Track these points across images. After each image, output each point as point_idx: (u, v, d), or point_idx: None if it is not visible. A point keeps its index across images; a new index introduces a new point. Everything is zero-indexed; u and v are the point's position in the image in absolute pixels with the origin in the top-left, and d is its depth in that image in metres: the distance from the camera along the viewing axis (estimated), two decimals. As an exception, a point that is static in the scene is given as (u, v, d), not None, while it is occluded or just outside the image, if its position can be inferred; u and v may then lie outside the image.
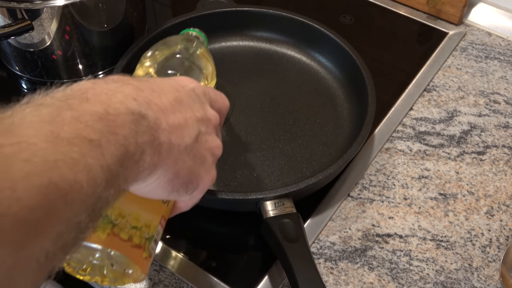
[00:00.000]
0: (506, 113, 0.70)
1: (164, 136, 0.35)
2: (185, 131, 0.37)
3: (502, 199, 0.61)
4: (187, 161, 0.38)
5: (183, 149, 0.37)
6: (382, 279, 0.54)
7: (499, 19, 0.83)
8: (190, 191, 0.40)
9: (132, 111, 0.32)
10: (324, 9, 0.85)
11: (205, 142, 0.40)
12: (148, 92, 0.35)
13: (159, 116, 0.35)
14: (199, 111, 0.40)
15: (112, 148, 0.29)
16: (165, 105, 0.36)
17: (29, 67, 0.71)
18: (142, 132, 0.32)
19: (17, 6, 0.62)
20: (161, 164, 0.35)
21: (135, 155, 0.31)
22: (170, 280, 0.53)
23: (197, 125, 0.39)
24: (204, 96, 0.42)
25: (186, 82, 0.41)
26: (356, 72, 0.66)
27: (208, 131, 0.41)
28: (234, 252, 0.57)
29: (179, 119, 0.37)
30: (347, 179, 0.62)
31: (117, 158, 0.30)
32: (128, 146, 0.31)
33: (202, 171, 0.40)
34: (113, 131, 0.30)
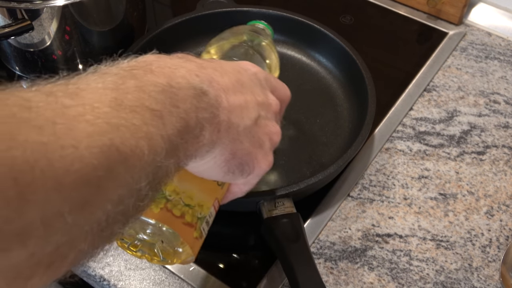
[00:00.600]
0: (506, 113, 0.70)
1: (224, 114, 0.35)
2: (244, 112, 0.37)
3: (502, 199, 0.61)
4: (245, 142, 0.37)
5: (242, 130, 0.37)
6: (382, 279, 0.54)
7: (499, 19, 0.83)
8: (246, 174, 0.39)
9: (194, 86, 0.32)
10: (324, 9, 0.85)
11: (265, 127, 0.40)
12: (211, 70, 0.35)
13: (220, 94, 0.35)
14: (260, 95, 0.39)
15: (173, 119, 0.30)
16: (227, 84, 0.36)
17: (29, 67, 0.71)
18: (203, 108, 0.32)
19: (17, 6, 0.62)
20: (220, 142, 0.35)
21: (195, 130, 0.32)
22: (170, 280, 0.53)
23: (257, 108, 0.38)
24: (266, 82, 0.42)
25: (249, 66, 0.41)
26: (356, 72, 0.66)
27: (268, 116, 0.40)
28: (234, 252, 0.57)
29: (239, 99, 0.36)
30: (347, 179, 0.62)
31: (177, 130, 0.30)
32: (188, 120, 0.31)
33: (260, 154, 0.39)
34: (175, 103, 0.30)
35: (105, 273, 0.54)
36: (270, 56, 0.57)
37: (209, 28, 0.74)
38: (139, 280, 0.53)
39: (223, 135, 0.35)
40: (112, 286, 0.53)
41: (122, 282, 0.53)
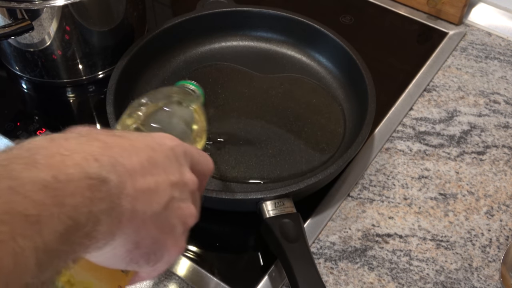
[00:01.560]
0: (506, 113, 0.70)
1: (127, 202, 0.31)
2: (154, 197, 0.33)
3: (502, 199, 0.61)
4: (152, 230, 0.33)
5: (149, 217, 0.33)
6: (382, 279, 0.54)
7: (499, 19, 0.83)
8: (152, 263, 0.35)
9: (89, 175, 0.28)
10: (324, 9, 0.85)
11: (177, 209, 0.36)
12: (117, 150, 0.32)
13: (125, 180, 0.31)
14: (174, 174, 0.35)
15: (55, 222, 0.26)
16: (135, 166, 0.32)
17: (29, 67, 0.71)
18: (99, 199, 0.28)
19: (17, 6, 0.62)
20: (121, 233, 0.31)
21: (85, 227, 0.28)
22: (170, 280, 0.53)
23: (169, 190, 0.35)
24: (184, 157, 0.38)
25: (165, 140, 0.37)
26: (356, 72, 0.66)
27: (183, 197, 0.36)
28: (234, 252, 0.57)
29: (149, 182, 0.33)
30: (347, 179, 0.62)
31: (59, 234, 0.26)
32: (77, 218, 0.27)
33: (169, 241, 0.36)
34: (60, 201, 0.26)
35: (105, 273, 0.54)
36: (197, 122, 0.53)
37: (209, 28, 0.74)
38: (139, 280, 0.53)
39: (125, 225, 0.31)
40: None
41: (122, 282, 0.53)
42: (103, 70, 0.73)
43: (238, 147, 0.63)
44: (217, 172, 0.61)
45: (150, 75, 0.70)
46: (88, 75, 0.72)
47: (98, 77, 0.73)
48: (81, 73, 0.72)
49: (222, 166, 0.61)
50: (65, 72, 0.71)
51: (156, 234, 0.34)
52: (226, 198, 0.54)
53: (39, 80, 0.72)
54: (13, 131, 0.66)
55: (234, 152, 0.63)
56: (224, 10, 0.74)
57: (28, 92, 0.74)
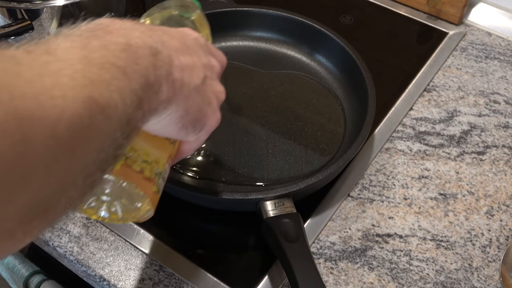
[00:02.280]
0: (506, 113, 0.70)
1: (177, 72, 0.37)
2: (194, 72, 0.39)
3: (502, 199, 0.61)
4: (196, 100, 0.40)
5: (193, 88, 0.39)
6: (382, 279, 0.54)
7: (499, 19, 0.83)
8: (198, 130, 0.42)
9: (149, 45, 0.34)
10: (324, 9, 0.85)
11: (211, 86, 0.42)
12: (160, 33, 0.37)
13: (172, 54, 0.37)
14: (203, 57, 0.42)
15: (136, 76, 0.31)
16: (176, 45, 0.38)
17: (29, 67, 0.71)
18: (159, 66, 0.34)
19: (17, 6, 0.62)
20: (175, 99, 0.37)
21: (154, 86, 0.34)
22: (170, 280, 0.53)
23: (203, 69, 0.41)
24: (206, 46, 0.44)
25: (190, 32, 0.43)
26: (356, 72, 0.66)
27: (213, 76, 0.43)
28: (234, 252, 0.57)
29: (188, 60, 0.39)
30: (347, 179, 0.62)
31: (140, 85, 0.32)
32: (148, 77, 0.33)
33: (209, 111, 0.42)
34: (136, 61, 0.32)
35: (105, 273, 0.54)
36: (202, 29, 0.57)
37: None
38: (139, 280, 0.53)
39: (178, 92, 0.37)
40: (112, 286, 0.53)
41: (122, 282, 0.53)
42: (103, 70, 0.73)
43: (238, 147, 0.63)
44: (217, 172, 0.61)
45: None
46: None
47: None
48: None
49: (222, 166, 0.61)
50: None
51: (199, 103, 0.40)
52: (226, 198, 0.54)
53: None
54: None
55: (234, 153, 0.63)
56: (224, 10, 0.74)
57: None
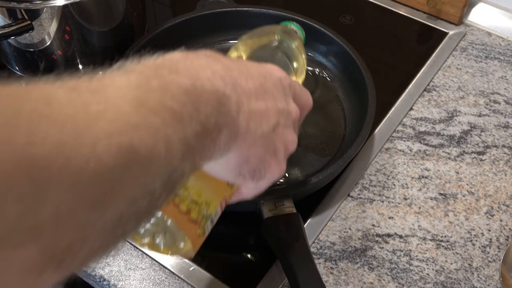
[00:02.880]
0: (506, 113, 0.70)
1: (243, 119, 0.35)
2: (264, 119, 0.37)
3: (502, 199, 0.61)
4: (260, 149, 0.37)
5: (259, 136, 0.37)
6: (382, 279, 0.54)
7: (499, 19, 0.83)
8: (256, 179, 0.39)
9: (217, 89, 0.32)
10: (324, 9, 0.85)
11: (282, 134, 0.39)
12: (236, 73, 0.36)
13: (242, 99, 0.35)
14: (281, 102, 0.39)
15: (193, 122, 0.29)
16: (250, 89, 0.36)
17: (29, 67, 0.71)
18: (223, 113, 0.33)
19: (17, 6, 0.62)
20: (235, 146, 0.35)
21: (212, 133, 0.32)
22: (170, 280, 0.53)
23: (277, 115, 0.38)
24: (289, 88, 0.41)
25: (274, 71, 0.41)
26: (356, 72, 0.66)
27: (287, 123, 0.40)
28: (234, 252, 0.57)
29: (260, 105, 0.37)
30: (347, 179, 0.62)
31: (195, 133, 0.30)
32: (207, 124, 0.31)
33: (273, 162, 0.39)
34: (196, 106, 0.30)
35: (105, 273, 0.54)
36: (298, 59, 0.57)
37: (209, 28, 0.74)
38: (139, 280, 0.53)
39: (240, 140, 0.35)
40: (112, 286, 0.53)
41: (122, 282, 0.53)
42: (103, 70, 0.73)
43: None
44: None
45: (150, 75, 0.70)
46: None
47: None
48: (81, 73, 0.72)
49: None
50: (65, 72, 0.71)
51: (263, 152, 0.38)
52: (226, 198, 0.54)
53: (39, 80, 0.72)
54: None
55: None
56: (224, 10, 0.74)
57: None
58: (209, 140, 0.31)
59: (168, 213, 0.39)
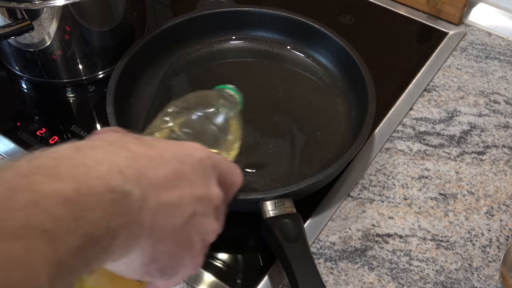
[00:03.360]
0: (506, 113, 0.70)
1: (148, 216, 0.30)
2: (176, 211, 0.32)
3: (502, 199, 0.61)
4: (170, 245, 0.33)
5: (169, 231, 0.32)
6: (382, 279, 0.54)
7: (499, 19, 0.83)
8: (167, 277, 0.35)
9: (112, 188, 0.28)
10: (324, 9, 0.85)
11: (198, 225, 0.34)
12: (144, 161, 0.31)
13: (148, 193, 0.30)
14: (199, 188, 0.34)
15: (71, 238, 0.25)
16: (160, 179, 0.31)
17: (29, 67, 0.71)
18: (120, 214, 0.28)
19: (17, 6, 0.62)
20: (138, 247, 0.31)
21: (102, 241, 0.27)
22: (170, 280, 0.53)
23: (193, 205, 0.34)
24: (212, 170, 0.36)
25: (194, 151, 0.36)
26: (356, 72, 0.66)
27: (206, 212, 0.35)
28: (234, 252, 0.57)
29: (172, 196, 0.32)
30: (347, 179, 0.62)
31: (75, 249, 0.26)
32: (94, 233, 0.26)
33: (187, 257, 0.35)
34: (79, 216, 0.26)
35: (105, 273, 0.54)
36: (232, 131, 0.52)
37: (209, 28, 0.74)
38: (139, 280, 0.53)
39: (144, 239, 0.30)
40: (112, 286, 0.53)
41: None
42: (103, 70, 0.73)
43: (238, 147, 0.63)
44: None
45: (150, 75, 0.70)
46: (88, 75, 0.72)
47: (98, 77, 0.73)
48: (81, 73, 0.72)
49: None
50: (65, 72, 0.71)
51: (173, 249, 0.33)
52: (226, 198, 0.54)
53: (39, 80, 0.72)
54: (13, 131, 0.66)
55: (234, 152, 0.63)
56: (224, 10, 0.74)
57: (28, 92, 0.74)
58: (96, 249, 0.27)
59: None
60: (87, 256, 0.27)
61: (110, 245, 0.28)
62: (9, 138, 0.65)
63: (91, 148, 0.30)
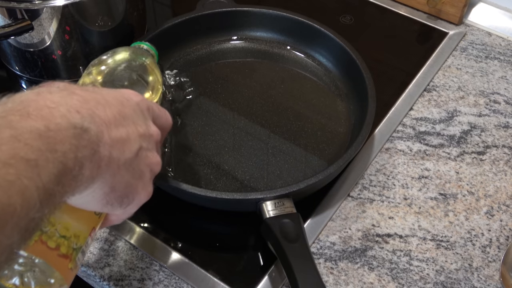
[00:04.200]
0: (506, 113, 0.70)
1: (105, 149, 0.34)
2: (126, 146, 0.37)
3: (502, 199, 0.61)
4: (125, 176, 0.37)
5: (123, 164, 0.37)
6: (382, 279, 0.54)
7: (499, 19, 0.83)
8: (125, 205, 0.39)
9: (74, 125, 0.32)
10: (324, 9, 0.85)
11: (145, 158, 0.40)
12: (93, 103, 0.35)
13: (102, 129, 0.34)
14: (141, 126, 0.39)
15: (50, 166, 0.29)
16: (109, 118, 0.36)
17: (29, 67, 0.71)
18: (83, 146, 0.32)
19: (17, 6, 0.62)
20: (99, 177, 0.35)
21: (73, 170, 0.31)
22: (170, 280, 0.53)
23: (138, 140, 0.38)
24: (147, 111, 0.42)
25: (131, 96, 0.41)
26: (356, 72, 0.66)
27: (149, 147, 0.40)
28: (234, 252, 0.57)
29: (121, 133, 0.36)
30: (347, 179, 0.62)
31: (54, 176, 0.29)
32: (66, 162, 0.30)
33: (139, 186, 0.40)
34: (53, 147, 0.30)
35: (105, 273, 0.54)
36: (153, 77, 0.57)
37: (209, 28, 0.74)
38: (139, 280, 0.53)
39: (103, 170, 0.35)
40: (112, 286, 0.53)
41: (122, 282, 0.53)
42: (103, 70, 0.73)
43: (237, 147, 0.63)
44: (217, 171, 0.61)
45: (150, 75, 0.70)
46: (88, 75, 0.72)
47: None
48: (81, 73, 0.71)
49: (222, 165, 0.61)
50: (65, 72, 0.71)
51: (128, 178, 0.38)
52: (226, 198, 0.54)
53: (39, 80, 0.72)
54: (13, 131, 0.66)
55: (233, 152, 0.63)
56: (224, 10, 0.74)
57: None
58: (69, 178, 0.31)
59: (35, 252, 0.37)
60: (63, 183, 0.31)
61: (79, 174, 0.32)
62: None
63: (49, 93, 0.34)
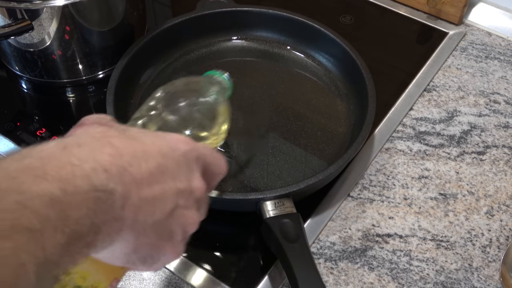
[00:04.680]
0: (506, 113, 0.70)
1: (130, 212, 0.31)
2: (158, 205, 0.33)
3: (502, 199, 0.61)
4: (151, 237, 0.34)
5: (151, 225, 0.33)
6: (382, 279, 0.54)
7: (499, 19, 0.83)
8: (148, 265, 0.36)
9: (96, 187, 0.29)
10: (324, 9, 0.85)
11: (180, 217, 0.35)
12: (128, 158, 0.32)
13: (131, 189, 0.31)
14: (182, 182, 0.35)
15: (58, 236, 0.26)
16: (143, 174, 0.32)
17: (29, 67, 0.71)
18: (103, 211, 0.29)
19: (17, 6, 0.62)
20: (120, 239, 0.32)
21: (87, 237, 0.28)
22: (170, 280, 0.53)
23: (175, 198, 0.35)
24: (195, 162, 0.37)
25: (179, 145, 0.36)
26: (356, 72, 0.66)
27: (187, 204, 0.36)
28: (234, 252, 0.57)
29: (154, 191, 0.33)
30: (347, 179, 0.62)
31: (61, 246, 0.27)
32: (79, 229, 0.28)
33: (168, 247, 0.36)
34: (65, 215, 0.27)
35: (105, 273, 0.54)
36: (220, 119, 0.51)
37: (209, 28, 0.74)
38: (139, 280, 0.53)
39: (126, 233, 0.32)
40: (112, 286, 0.53)
41: (122, 282, 0.53)
42: (103, 70, 0.73)
43: (237, 147, 0.63)
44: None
45: (150, 75, 0.70)
46: (88, 75, 0.72)
47: (98, 77, 0.73)
48: (81, 73, 0.72)
49: (222, 166, 0.61)
50: (65, 72, 0.71)
51: (155, 240, 0.34)
52: (226, 198, 0.54)
53: (39, 80, 0.72)
54: (13, 131, 0.66)
55: (233, 152, 0.63)
56: (224, 10, 0.74)
57: (28, 92, 0.74)
58: (82, 244, 0.28)
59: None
60: (72, 251, 0.28)
61: (93, 240, 0.29)
62: (9, 138, 0.65)
63: (77, 146, 0.30)
